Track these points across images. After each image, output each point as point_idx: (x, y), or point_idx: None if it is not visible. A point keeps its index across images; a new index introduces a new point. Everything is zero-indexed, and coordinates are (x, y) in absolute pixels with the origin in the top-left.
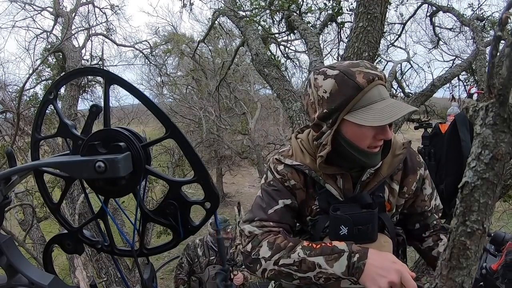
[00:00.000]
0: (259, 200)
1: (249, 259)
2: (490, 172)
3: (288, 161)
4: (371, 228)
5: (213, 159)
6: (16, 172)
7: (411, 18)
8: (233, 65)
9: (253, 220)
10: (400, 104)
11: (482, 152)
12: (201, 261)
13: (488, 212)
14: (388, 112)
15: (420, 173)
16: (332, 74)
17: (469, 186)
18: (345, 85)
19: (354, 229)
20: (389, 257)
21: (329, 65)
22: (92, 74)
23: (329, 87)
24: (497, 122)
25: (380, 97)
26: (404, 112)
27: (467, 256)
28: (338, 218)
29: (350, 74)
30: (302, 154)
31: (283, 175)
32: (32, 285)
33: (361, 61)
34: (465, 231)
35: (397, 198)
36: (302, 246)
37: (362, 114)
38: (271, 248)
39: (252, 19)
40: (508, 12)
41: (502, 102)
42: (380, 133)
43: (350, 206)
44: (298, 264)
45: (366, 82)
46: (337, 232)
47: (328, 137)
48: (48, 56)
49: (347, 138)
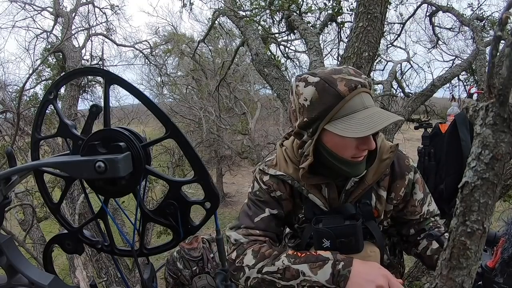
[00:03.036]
0: (246, 208)
1: (233, 266)
2: (490, 172)
3: (272, 171)
4: (354, 240)
5: (213, 159)
6: (16, 172)
7: (411, 18)
8: (233, 65)
9: (239, 227)
10: (383, 114)
11: (482, 152)
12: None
13: (488, 212)
14: (369, 122)
15: (409, 177)
16: (313, 81)
17: (469, 186)
18: (325, 93)
19: (336, 242)
20: (374, 264)
21: (311, 72)
22: (92, 74)
23: (309, 95)
24: (497, 122)
25: (362, 106)
26: (387, 122)
27: (467, 256)
28: (320, 231)
29: (331, 82)
30: (285, 164)
31: (269, 186)
32: (32, 285)
33: (344, 67)
34: (465, 231)
35: (385, 204)
36: (287, 254)
37: (342, 124)
38: (255, 257)
39: (252, 19)
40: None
41: (502, 102)
42: (363, 143)
43: (333, 218)
44: (282, 271)
45: (347, 90)
46: (320, 245)
47: (309, 147)
48: (48, 56)
49: (328, 148)
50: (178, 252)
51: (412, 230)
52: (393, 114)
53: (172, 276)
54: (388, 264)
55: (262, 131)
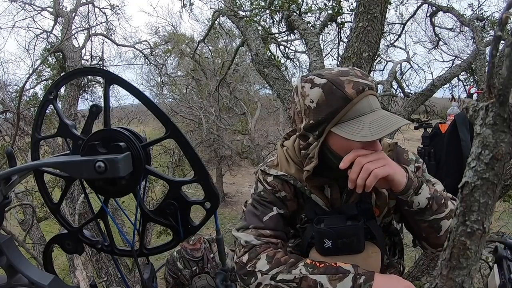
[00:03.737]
0: (252, 208)
1: (244, 270)
2: (490, 172)
3: (273, 171)
4: (356, 240)
5: (213, 159)
6: (16, 172)
7: (411, 18)
8: (233, 65)
9: (247, 227)
10: (391, 117)
11: (482, 152)
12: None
13: (488, 212)
14: (377, 126)
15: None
16: (319, 83)
17: (469, 186)
18: (332, 95)
19: (338, 242)
20: (395, 278)
21: (317, 73)
22: (92, 74)
23: (316, 97)
24: (497, 122)
25: (370, 109)
26: (395, 126)
27: (467, 256)
28: (321, 231)
29: (339, 84)
30: (287, 164)
31: (274, 187)
32: (32, 285)
33: (351, 69)
34: (465, 231)
35: (388, 200)
36: (305, 263)
37: (350, 127)
38: (270, 262)
39: (252, 19)
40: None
41: (502, 102)
42: (369, 146)
43: (335, 218)
44: (298, 281)
45: (355, 93)
46: (321, 245)
47: (314, 150)
48: (48, 56)
49: (334, 150)
50: (178, 252)
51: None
52: (400, 118)
53: (172, 276)
54: (388, 264)
55: (262, 131)
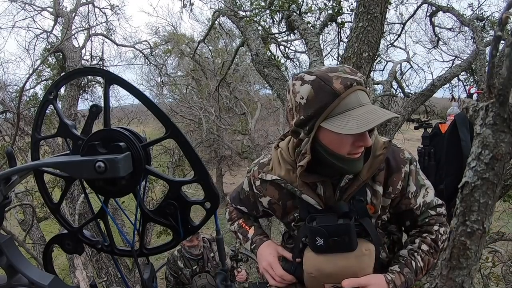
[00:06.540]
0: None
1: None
2: (490, 172)
3: (269, 176)
4: (347, 239)
5: (213, 159)
6: (16, 172)
7: (411, 18)
8: (233, 65)
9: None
10: (378, 111)
11: (482, 152)
12: (185, 273)
13: (488, 212)
14: (365, 119)
15: (405, 170)
16: (309, 79)
17: (469, 186)
18: (321, 91)
19: (329, 240)
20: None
21: (307, 71)
22: (92, 74)
23: (305, 93)
24: (497, 122)
25: (358, 104)
26: (382, 119)
27: (467, 256)
28: (313, 229)
29: (327, 80)
30: (279, 166)
31: (259, 191)
32: (32, 285)
33: (340, 66)
34: (465, 231)
35: (382, 199)
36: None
37: (338, 121)
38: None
39: (252, 19)
40: (508, 12)
41: (502, 102)
42: (359, 140)
43: (326, 216)
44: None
45: (343, 88)
46: (314, 243)
47: (306, 145)
48: (48, 56)
49: (325, 145)
50: (179, 251)
51: (407, 222)
52: (388, 111)
53: (173, 275)
54: (388, 261)
55: (262, 131)
